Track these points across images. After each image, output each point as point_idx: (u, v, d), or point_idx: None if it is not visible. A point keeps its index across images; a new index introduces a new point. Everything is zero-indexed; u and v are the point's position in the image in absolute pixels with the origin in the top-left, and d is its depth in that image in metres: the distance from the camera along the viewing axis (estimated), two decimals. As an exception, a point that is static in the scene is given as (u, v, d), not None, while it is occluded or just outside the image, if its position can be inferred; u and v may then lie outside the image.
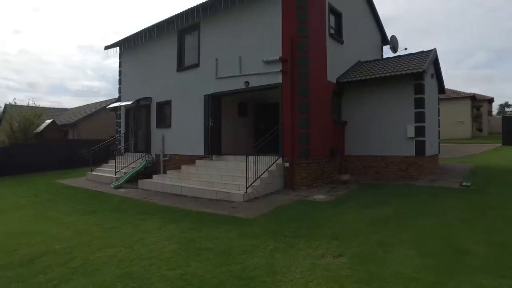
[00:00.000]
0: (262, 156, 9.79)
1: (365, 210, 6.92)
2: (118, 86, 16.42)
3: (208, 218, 6.93)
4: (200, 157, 12.21)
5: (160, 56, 14.05)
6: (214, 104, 11.51)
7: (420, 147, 10.33)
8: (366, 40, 14.30)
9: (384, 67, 11.41)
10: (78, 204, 9.18)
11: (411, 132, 10.35)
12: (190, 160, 12.58)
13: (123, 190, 11.22)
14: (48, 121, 19.97)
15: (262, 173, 9.01)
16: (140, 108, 14.94)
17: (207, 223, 6.54)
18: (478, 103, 31.33)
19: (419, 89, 10.33)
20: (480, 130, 31.91)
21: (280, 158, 9.78)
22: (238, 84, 10.93)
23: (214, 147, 11.50)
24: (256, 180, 8.79)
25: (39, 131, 19.51)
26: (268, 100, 13.69)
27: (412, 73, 9.98)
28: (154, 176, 11.63)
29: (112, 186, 11.78)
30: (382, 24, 15.42)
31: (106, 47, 15.92)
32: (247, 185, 8.50)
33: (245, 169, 9.22)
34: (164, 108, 14.13)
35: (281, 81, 9.91)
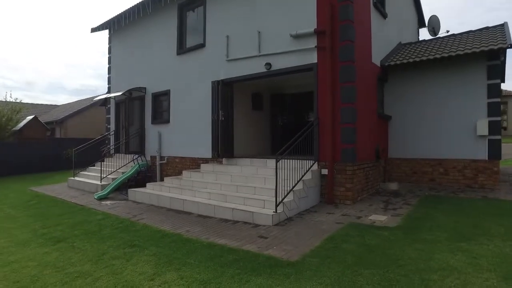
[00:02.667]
0: (289, 160, 7.47)
1: (466, 244, 4.50)
2: (107, 75, 13.95)
3: (227, 257, 4.50)
4: (206, 160, 9.78)
5: (157, 37, 11.59)
6: (224, 93, 9.06)
7: (495, 148, 7.94)
8: (404, 19, 11.89)
9: (437, 49, 9.00)
10: (44, 225, 6.74)
11: (482, 129, 7.95)
12: (194, 163, 10.15)
13: (108, 202, 8.77)
14: (29, 118, 17.48)
15: (296, 184, 6.58)
16: (132, 100, 12.49)
17: (227, 268, 4.12)
18: (504, 99, 28.98)
19: (495, 72, 7.94)
20: (505, 128, 29.57)
21: (315, 162, 7.37)
22: (256, 67, 8.51)
23: (224, 147, 9.06)
24: (288, 193, 6.36)
25: (18, 128, 17.00)
26: (285, 90, 11.28)
27: (491, 49, 7.54)
28: (149, 185, 9.19)
29: (95, 197, 9.33)
30: (420, 2, 13.03)
31: (93, 30, 13.45)
32: (277, 201, 6.07)
33: (270, 178, 6.92)
34: (161, 100, 11.69)
35: (316, 61, 7.49)
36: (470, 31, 9.72)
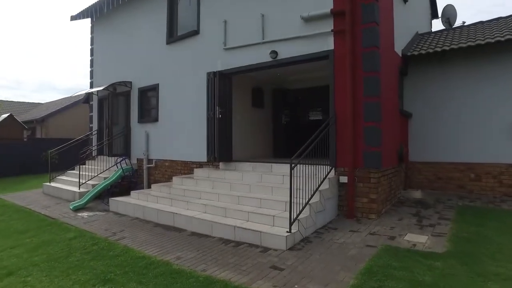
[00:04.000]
0: (300, 166, 6.34)
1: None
2: (90, 69, 12.55)
3: (233, 305, 3.26)
4: (200, 165, 8.52)
5: (144, 25, 10.28)
6: (222, 87, 7.79)
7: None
8: (419, 7, 10.78)
9: (466, 37, 7.89)
10: (-1, 248, 5.42)
11: (523, 129, 6.85)
12: (186, 168, 8.88)
13: (85, 214, 7.45)
14: (4, 116, 15.97)
15: (312, 196, 5.36)
16: (117, 96, 11.14)
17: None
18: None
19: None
20: None
21: (332, 168, 6.17)
22: (259, 56, 7.29)
23: (222, 149, 7.79)
24: (304, 208, 5.14)
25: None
26: (289, 85, 10.10)
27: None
28: (133, 193, 7.89)
29: (71, 207, 7.99)
30: (434, -10, 11.96)
31: (73, 18, 12.06)
32: (292, 218, 4.85)
33: (277, 187, 5.75)
34: (148, 95, 10.38)
35: (332, 47, 6.30)
36: (500, 17, 8.65)
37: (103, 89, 10.40)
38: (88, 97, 13.17)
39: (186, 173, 8.91)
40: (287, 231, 4.80)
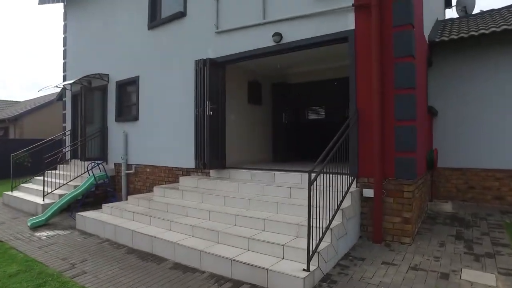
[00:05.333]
0: (306, 174, 5.11)
1: None
2: (63, 61, 11.04)
3: None
4: (187, 171, 7.17)
5: (122, 7, 8.86)
6: (213, 78, 6.43)
7: None
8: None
9: (490, 22, 6.71)
10: None
11: None
12: (171, 175, 7.51)
13: (44, 234, 6.02)
14: (-31, 114, 14.27)
15: (333, 217, 4.05)
16: (92, 92, 9.66)
17: None
18: None
19: None
20: None
21: (353, 179, 4.87)
22: (260, 40, 5.98)
23: (213, 154, 6.43)
24: (324, 235, 3.82)
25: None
26: (291, 78, 8.82)
27: None
28: (106, 207, 6.48)
29: (29, 225, 6.54)
30: (448, -24, 10.80)
31: (41, 1, 10.55)
32: (311, 251, 3.53)
33: (285, 203, 4.46)
34: (128, 90, 8.97)
35: (353, 27, 5.01)
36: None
37: (73, 82, 8.95)
38: (62, 93, 11.67)
39: (171, 181, 7.54)
40: (304, 269, 3.49)
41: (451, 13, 10.61)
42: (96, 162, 8.14)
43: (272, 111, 8.80)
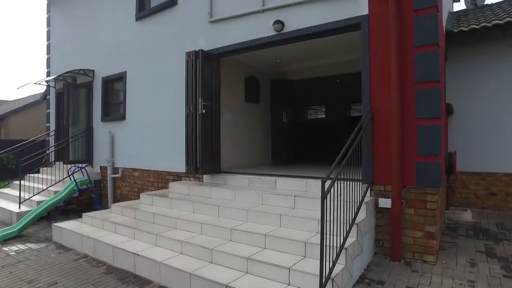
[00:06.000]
0: (311, 180, 4.47)
1: None
2: (46, 56, 10.31)
3: None
4: (178, 176, 6.50)
5: (108, -2, 8.18)
6: (207, 72, 5.75)
7: None
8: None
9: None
10: None
11: None
12: (160, 180, 6.84)
13: (14, 249, 5.32)
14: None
15: (347, 234, 3.39)
16: (77, 89, 8.94)
17: None
18: None
19: None
20: None
21: (368, 187, 4.23)
22: (258, 30, 5.32)
23: (206, 157, 5.75)
24: (338, 256, 3.16)
25: None
26: (292, 75, 8.18)
27: None
28: (86, 216, 5.79)
29: (-1, 236, 5.83)
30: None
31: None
32: (324, 277, 2.87)
33: (288, 214, 3.84)
34: (114, 87, 8.29)
35: (366, 12, 4.37)
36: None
37: (54, 79, 8.25)
38: (46, 92, 10.94)
39: (160, 186, 6.86)
40: (316, 302, 2.84)
41: (459, 7, 10.16)
42: (78, 166, 7.42)
43: (271, 109, 8.14)
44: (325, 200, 2.85)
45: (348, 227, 3.44)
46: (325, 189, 2.86)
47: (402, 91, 4.06)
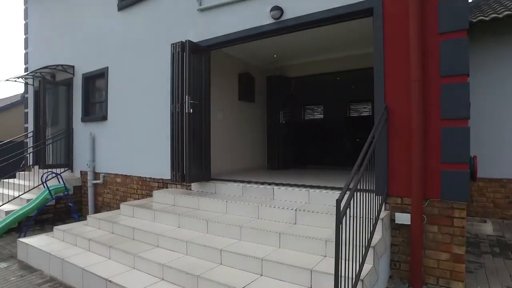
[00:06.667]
0: (315, 190, 3.86)
1: None
2: (24, 51, 9.55)
3: None
4: (163, 183, 5.83)
5: (89, -13, 7.47)
6: (195, 67, 5.09)
7: None
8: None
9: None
10: None
11: None
12: (144, 187, 6.16)
13: (-28, 269, 4.60)
14: None
15: (363, 261, 2.74)
16: (56, 87, 8.22)
17: None
18: None
19: None
20: None
21: (382, 200, 3.59)
22: (254, 18, 4.67)
23: (195, 163, 5.09)
24: (356, 284, 2.52)
25: None
26: (288, 72, 7.55)
27: None
28: (58, 230, 5.08)
29: (-41, 253, 5.10)
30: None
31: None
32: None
33: (288, 233, 3.19)
34: (96, 84, 7.59)
35: (380, -6, 3.74)
36: None
37: (27, 75, 7.52)
38: (25, 89, 10.16)
39: (144, 194, 6.18)
40: None
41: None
42: (53, 171, 6.70)
43: (268, 109, 7.50)
44: (341, 225, 2.20)
45: (363, 250, 2.80)
46: (341, 210, 2.21)
47: (424, 86, 3.43)
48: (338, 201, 2.20)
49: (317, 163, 7.86)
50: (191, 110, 4.85)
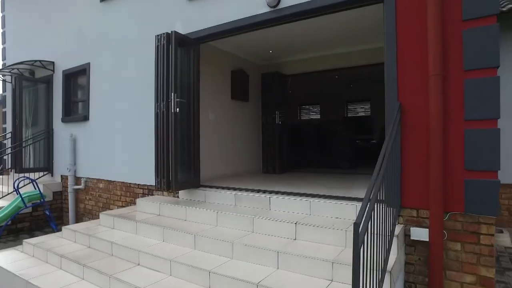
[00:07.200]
0: (317, 200, 3.56)
1: None
2: (1, 46, 8.95)
3: None
4: (148, 190, 5.31)
5: (70, -24, 6.92)
6: (182, 60, 4.58)
7: None
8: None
9: None
10: None
11: None
12: (128, 193, 5.65)
13: None
14: None
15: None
16: (35, 84, 7.66)
17: None
18: None
19: None
20: None
21: (396, 212, 3.10)
22: (248, 6, 4.17)
23: (182, 167, 4.58)
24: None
25: None
26: (284, 69, 7.08)
27: None
28: (28, 244, 4.53)
29: None
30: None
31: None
32: None
33: (288, 252, 2.64)
34: (77, 81, 7.04)
35: (392, -24, 3.27)
36: None
37: (2, 70, 6.93)
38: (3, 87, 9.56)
39: (128, 201, 5.66)
40: None
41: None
42: (26, 176, 6.14)
43: (263, 109, 7.00)
44: (360, 258, 1.72)
45: (379, 275, 2.31)
46: (359, 238, 1.73)
47: (445, 82, 2.97)
48: (356, 226, 1.71)
49: (316, 166, 7.40)
50: (178, 109, 4.34)
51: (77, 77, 6.95)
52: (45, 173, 7.22)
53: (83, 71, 6.57)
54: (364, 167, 7.18)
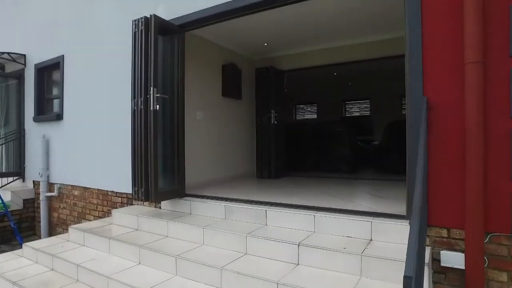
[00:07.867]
0: (323, 215, 3.01)
1: None
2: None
3: None
4: (129, 199, 4.66)
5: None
6: (163, 50, 3.94)
7: None
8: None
9: None
10: None
11: None
12: (106, 202, 5.00)
13: None
14: None
15: None
16: (5, 80, 6.96)
17: None
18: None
19: None
20: None
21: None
22: (240, -13, 3.56)
23: (163, 174, 3.94)
24: None
25: None
26: (280, 64, 6.48)
27: None
28: (-18, 264, 3.85)
29: None
30: None
31: None
32: None
33: (284, 279, 1.92)
34: (51, 76, 6.35)
35: None
36: None
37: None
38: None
39: (106, 211, 5.00)
40: None
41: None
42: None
43: (257, 107, 6.39)
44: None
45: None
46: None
47: (486, 70, 2.39)
48: (408, 281, 1.10)
49: (314, 170, 6.81)
50: (158, 106, 3.70)
51: (51, 72, 6.27)
52: (15, 178, 6.52)
53: (57, 64, 5.88)
54: (366, 170, 6.64)
